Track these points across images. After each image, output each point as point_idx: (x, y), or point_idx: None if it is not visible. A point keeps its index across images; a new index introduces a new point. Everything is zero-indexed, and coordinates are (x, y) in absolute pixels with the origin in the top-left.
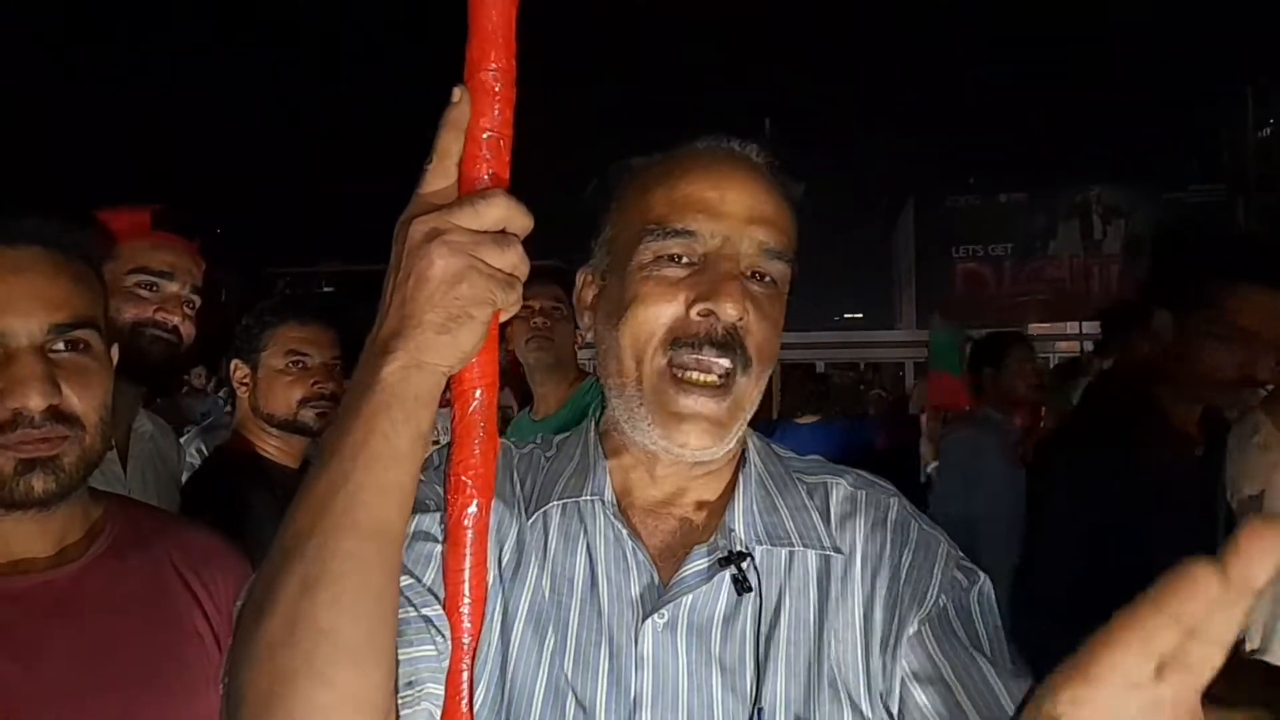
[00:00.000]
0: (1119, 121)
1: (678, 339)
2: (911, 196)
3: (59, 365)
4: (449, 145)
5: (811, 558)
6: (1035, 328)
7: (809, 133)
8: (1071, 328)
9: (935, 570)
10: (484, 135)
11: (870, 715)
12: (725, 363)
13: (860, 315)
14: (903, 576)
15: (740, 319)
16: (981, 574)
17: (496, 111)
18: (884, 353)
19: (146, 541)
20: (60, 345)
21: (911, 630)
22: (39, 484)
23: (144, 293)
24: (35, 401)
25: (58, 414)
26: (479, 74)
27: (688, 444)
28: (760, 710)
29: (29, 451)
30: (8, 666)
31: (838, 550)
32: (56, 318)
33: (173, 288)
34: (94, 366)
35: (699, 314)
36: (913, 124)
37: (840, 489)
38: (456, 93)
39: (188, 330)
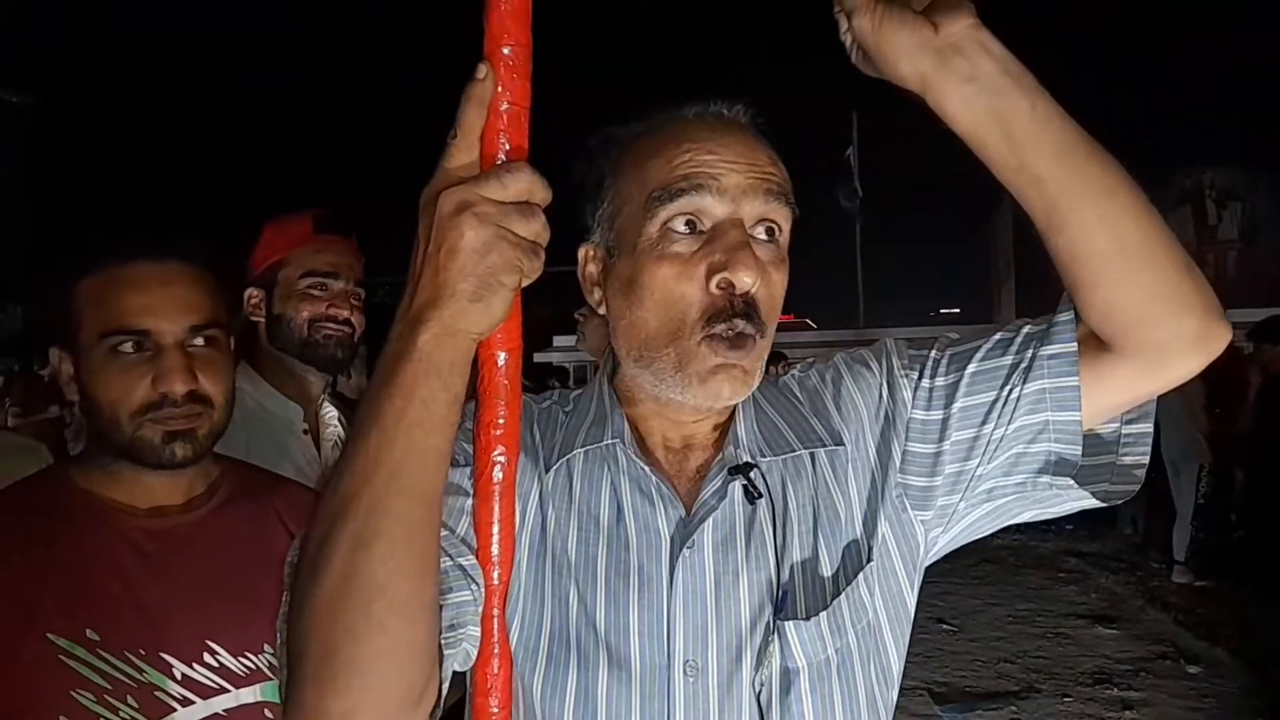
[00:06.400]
0: (1232, 100)
1: (711, 319)
2: None
3: (195, 358)
4: (472, 120)
5: (809, 455)
6: None
7: (900, 121)
8: None
9: (886, 366)
10: (504, 108)
11: (890, 562)
12: (747, 331)
13: (957, 310)
14: (862, 397)
15: (754, 287)
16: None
17: (516, 85)
18: None
19: (256, 496)
20: (198, 341)
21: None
22: (180, 451)
23: (316, 292)
24: (178, 388)
25: (195, 396)
26: (498, 49)
27: (721, 394)
28: (784, 595)
29: (173, 425)
30: (154, 588)
31: (839, 443)
32: (194, 320)
33: (339, 285)
34: (220, 358)
35: (718, 286)
36: None
37: (796, 380)
38: (482, 69)
39: (359, 320)
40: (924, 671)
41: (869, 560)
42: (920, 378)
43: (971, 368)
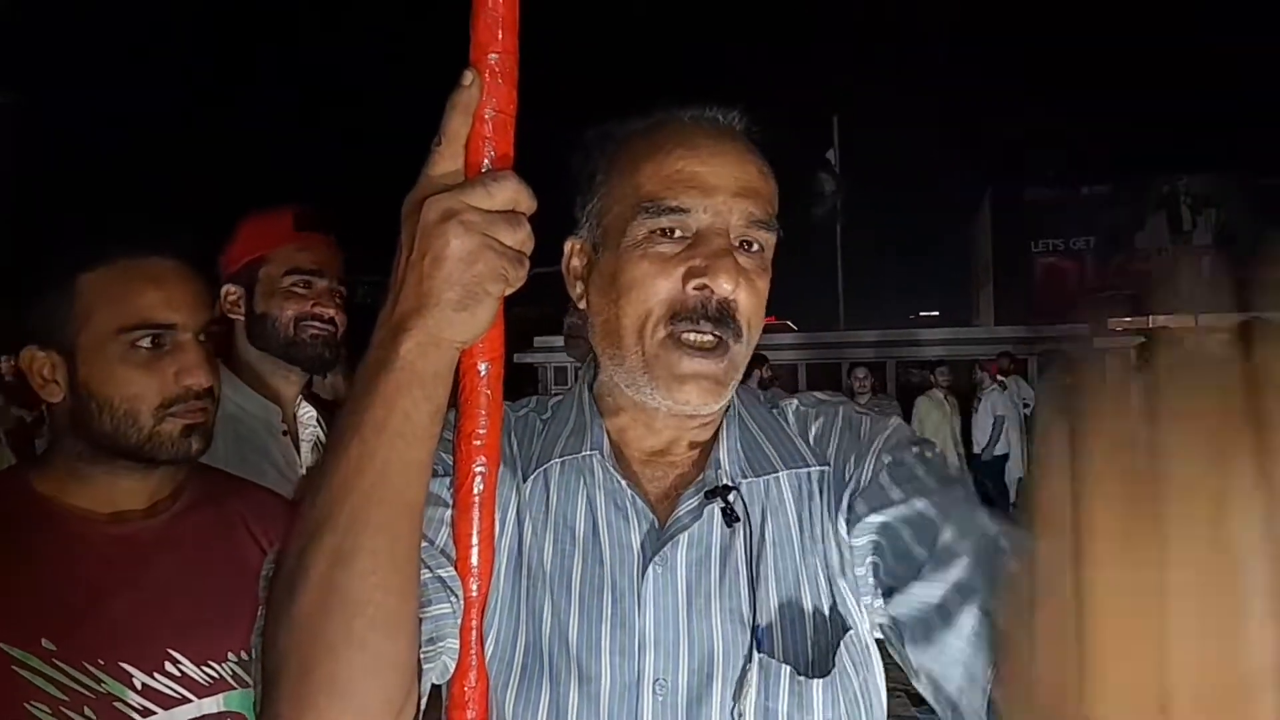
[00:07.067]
0: (1208, 106)
1: (676, 314)
2: (988, 189)
3: (205, 352)
4: (458, 128)
5: (791, 478)
6: (1118, 324)
7: (879, 125)
8: (1156, 324)
9: (878, 439)
10: (489, 115)
11: (852, 600)
12: (720, 334)
13: (937, 313)
14: (856, 458)
15: (733, 293)
16: (933, 442)
17: (501, 92)
18: (961, 350)
19: (219, 500)
20: (203, 336)
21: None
22: (195, 444)
23: (300, 290)
24: (204, 381)
25: (207, 390)
26: (484, 56)
27: (690, 401)
28: (757, 627)
29: (191, 419)
30: (116, 595)
31: (823, 464)
32: (207, 315)
33: (323, 283)
34: (211, 352)
35: (694, 288)
36: (988, 115)
37: (794, 408)
38: (468, 76)
39: (341, 319)
40: (903, 673)
41: (833, 602)
42: (881, 471)
43: (893, 512)
